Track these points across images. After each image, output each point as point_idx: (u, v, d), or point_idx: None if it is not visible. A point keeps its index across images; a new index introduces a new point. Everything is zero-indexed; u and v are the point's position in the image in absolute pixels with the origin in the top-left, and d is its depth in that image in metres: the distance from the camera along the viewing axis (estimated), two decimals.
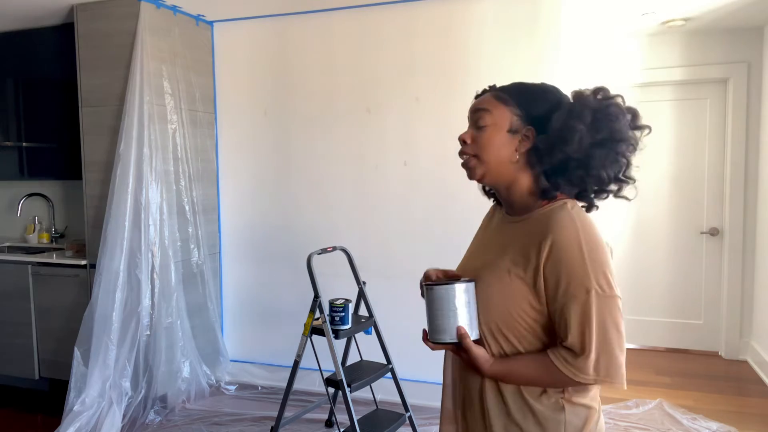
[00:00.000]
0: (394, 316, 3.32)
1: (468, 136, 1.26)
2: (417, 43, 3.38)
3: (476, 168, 1.24)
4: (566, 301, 1.11)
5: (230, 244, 3.93)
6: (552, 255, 1.12)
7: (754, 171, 4.05)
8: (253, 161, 3.83)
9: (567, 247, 1.11)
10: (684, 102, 4.23)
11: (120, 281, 3.11)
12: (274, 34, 3.69)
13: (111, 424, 2.98)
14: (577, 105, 1.17)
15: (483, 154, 1.22)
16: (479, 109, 1.24)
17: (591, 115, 1.14)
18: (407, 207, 3.47)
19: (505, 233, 1.27)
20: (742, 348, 4.16)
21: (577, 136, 1.13)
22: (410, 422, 2.87)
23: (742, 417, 3.21)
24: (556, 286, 1.12)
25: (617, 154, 1.15)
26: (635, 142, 1.17)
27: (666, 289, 4.35)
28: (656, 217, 4.33)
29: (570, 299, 1.10)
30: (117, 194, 3.13)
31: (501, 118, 1.21)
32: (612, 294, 1.11)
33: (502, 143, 1.21)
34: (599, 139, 1.14)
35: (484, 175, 1.24)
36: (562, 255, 1.11)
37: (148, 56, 3.24)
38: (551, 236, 1.12)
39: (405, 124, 3.45)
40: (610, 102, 1.17)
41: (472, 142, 1.24)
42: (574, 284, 1.10)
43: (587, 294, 1.09)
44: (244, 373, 3.79)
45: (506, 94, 1.23)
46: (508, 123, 1.21)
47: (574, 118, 1.14)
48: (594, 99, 1.17)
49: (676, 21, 3.77)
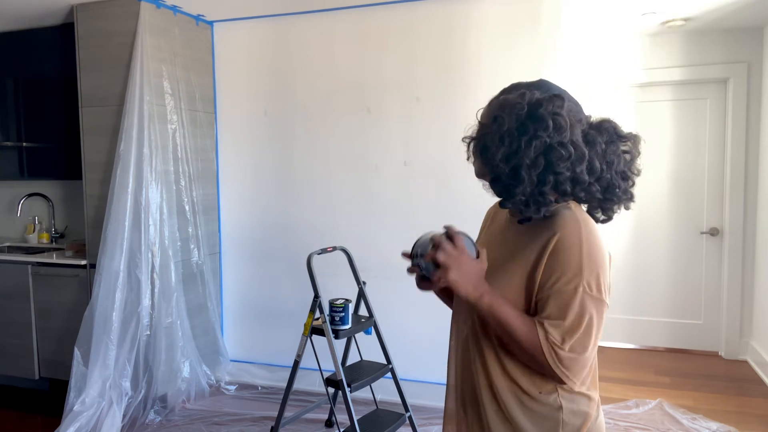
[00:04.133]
0: (394, 316, 3.32)
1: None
2: (417, 43, 3.38)
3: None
4: (552, 293, 1.12)
5: (230, 244, 3.93)
6: (554, 250, 1.13)
7: (754, 171, 4.05)
8: (253, 161, 3.83)
9: (568, 244, 1.12)
10: (684, 102, 4.23)
11: (120, 281, 3.11)
12: (274, 34, 3.70)
13: (111, 424, 2.98)
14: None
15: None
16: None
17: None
18: (407, 207, 3.47)
19: (509, 234, 1.27)
20: (742, 348, 4.16)
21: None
22: (410, 422, 2.87)
23: (742, 417, 3.21)
24: (549, 277, 1.13)
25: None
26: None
27: (666, 289, 4.35)
28: (656, 217, 4.33)
29: (556, 292, 1.12)
30: (117, 194, 3.13)
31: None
32: (600, 297, 1.12)
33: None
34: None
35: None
36: (562, 251, 1.12)
37: (148, 56, 3.24)
38: (557, 234, 1.14)
39: (405, 124, 3.45)
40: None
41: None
42: (566, 279, 1.11)
43: (575, 290, 1.10)
44: (244, 373, 3.79)
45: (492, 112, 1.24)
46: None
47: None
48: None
49: (676, 21, 3.77)
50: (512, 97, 1.15)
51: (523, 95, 1.14)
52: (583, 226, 1.14)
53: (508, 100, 1.14)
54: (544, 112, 1.11)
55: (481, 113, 1.24)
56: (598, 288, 1.11)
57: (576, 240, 1.12)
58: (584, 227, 1.14)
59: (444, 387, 1.42)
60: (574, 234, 1.13)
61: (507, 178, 1.13)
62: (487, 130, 1.16)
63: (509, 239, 1.26)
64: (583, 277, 1.10)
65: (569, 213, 1.17)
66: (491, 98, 1.25)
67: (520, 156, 1.10)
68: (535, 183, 1.11)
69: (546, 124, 1.10)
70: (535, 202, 1.13)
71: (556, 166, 1.10)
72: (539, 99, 1.13)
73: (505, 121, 1.12)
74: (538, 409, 1.18)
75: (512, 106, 1.13)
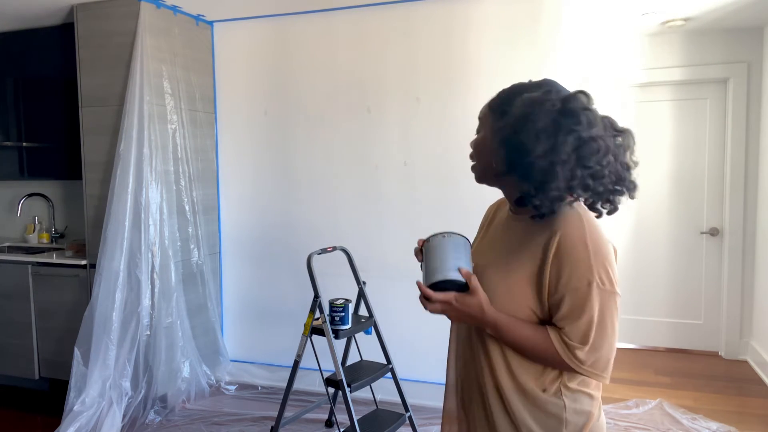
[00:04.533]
0: (394, 316, 3.32)
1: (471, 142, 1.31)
2: (417, 43, 3.38)
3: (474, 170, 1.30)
4: (566, 293, 1.12)
5: (230, 244, 3.93)
6: (559, 249, 1.13)
7: (754, 171, 4.05)
8: (253, 161, 3.83)
9: (573, 242, 1.13)
10: (684, 102, 4.23)
11: (120, 281, 3.11)
12: (274, 34, 3.69)
13: (111, 424, 2.98)
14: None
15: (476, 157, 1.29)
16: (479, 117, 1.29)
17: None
18: (407, 207, 3.47)
19: (510, 232, 1.28)
20: (742, 348, 4.16)
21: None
22: (410, 422, 2.87)
23: (742, 417, 3.21)
24: (558, 277, 1.13)
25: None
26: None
27: (666, 289, 4.34)
28: (656, 217, 4.33)
29: (570, 291, 1.12)
30: (117, 194, 3.13)
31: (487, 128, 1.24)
32: (612, 290, 1.13)
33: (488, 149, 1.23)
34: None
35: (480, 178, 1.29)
36: (569, 249, 1.13)
37: (148, 56, 3.24)
38: (559, 232, 1.14)
39: (405, 124, 3.45)
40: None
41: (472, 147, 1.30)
42: (576, 277, 1.11)
43: (588, 287, 1.11)
44: (244, 373, 3.79)
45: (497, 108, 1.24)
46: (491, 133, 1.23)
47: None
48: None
49: (676, 21, 3.77)
50: (538, 95, 1.14)
51: (548, 92, 1.14)
52: (585, 222, 1.15)
53: (536, 98, 1.14)
54: (576, 107, 1.11)
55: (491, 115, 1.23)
56: (609, 281, 1.12)
57: (581, 236, 1.13)
58: (587, 223, 1.15)
59: (443, 387, 1.43)
60: (578, 231, 1.14)
61: (542, 175, 1.11)
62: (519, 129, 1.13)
63: (512, 237, 1.26)
64: (594, 273, 1.11)
65: (570, 210, 1.17)
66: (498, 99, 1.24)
67: (557, 152, 1.10)
68: (568, 178, 1.11)
69: (579, 120, 1.11)
70: (560, 198, 1.13)
71: (587, 160, 1.11)
72: (568, 95, 1.14)
73: (539, 118, 1.11)
74: (543, 408, 1.18)
75: (542, 103, 1.12)
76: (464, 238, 1.21)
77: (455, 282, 1.14)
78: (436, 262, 1.16)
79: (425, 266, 1.19)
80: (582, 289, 1.11)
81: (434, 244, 1.19)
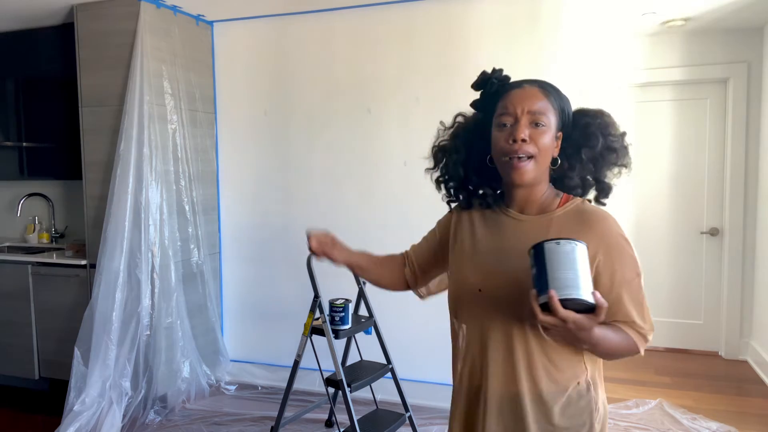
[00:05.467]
0: (394, 316, 3.32)
1: (527, 134, 1.17)
2: (417, 43, 3.38)
3: (531, 171, 1.19)
4: (622, 289, 1.17)
5: (230, 244, 3.93)
6: (603, 246, 1.16)
7: (754, 171, 4.05)
8: (253, 161, 3.83)
9: (615, 237, 1.17)
10: (684, 102, 4.23)
11: (120, 281, 3.11)
12: (274, 34, 3.69)
13: (111, 424, 2.98)
14: (591, 117, 1.27)
15: (540, 156, 1.18)
16: (536, 110, 1.18)
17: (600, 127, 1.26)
18: (407, 207, 3.47)
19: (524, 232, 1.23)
20: (742, 348, 4.16)
21: (599, 143, 1.24)
22: (410, 422, 2.87)
23: (742, 417, 3.21)
24: (612, 275, 1.16)
25: (612, 161, 1.27)
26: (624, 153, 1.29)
27: (666, 289, 4.34)
28: (656, 217, 4.33)
29: (626, 285, 1.17)
30: (117, 194, 3.13)
31: (552, 121, 1.20)
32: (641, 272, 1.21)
33: (551, 147, 1.21)
34: (602, 148, 1.25)
35: (534, 178, 1.20)
36: (613, 245, 1.17)
37: (148, 56, 3.24)
38: (596, 229, 1.17)
39: (405, 124, 3.45)
40: (609, 116, 1.29)
41: (530, 141, 1.17)
42: (628, 270, 1.17)
43: (638, 277, 1.18)
44: (244, 373, 3.79)
45: (551, 95, 1.21)
46: (555, 127, 1.21)
47: (594, 127, 1.25)
48: (594, 114, 1.28)
49: (676, 21, 3.77)
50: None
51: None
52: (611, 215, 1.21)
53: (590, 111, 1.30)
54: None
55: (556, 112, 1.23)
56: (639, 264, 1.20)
57: (618, 232, 1.18)
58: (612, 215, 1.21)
59: (443, 387, 1.42)
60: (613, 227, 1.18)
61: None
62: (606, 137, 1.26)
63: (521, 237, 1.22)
64: (638, 264, 1.18)
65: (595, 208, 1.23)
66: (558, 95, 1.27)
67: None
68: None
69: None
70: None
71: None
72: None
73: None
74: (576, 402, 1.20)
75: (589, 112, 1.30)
76: (585, 245, 1.07)
77: (584, 303, 1.02)
78: (569, 273, 1.02)
79: (551, 271, 1.03)
80: (635, 281, 1.17)
81: (566, 250, 1.04)
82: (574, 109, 1.28)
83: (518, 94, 1.20)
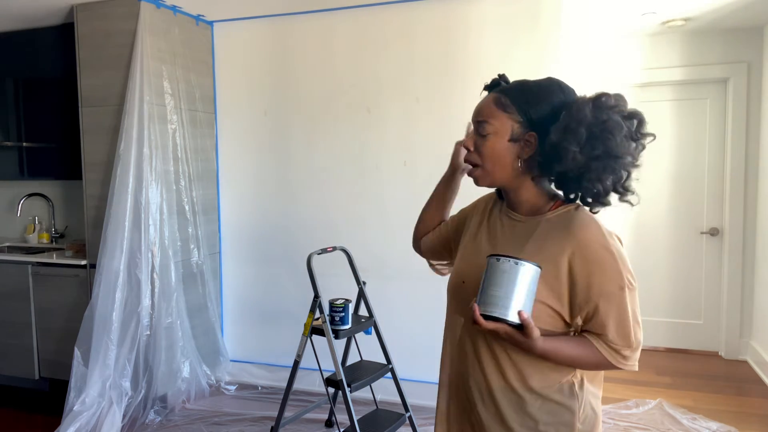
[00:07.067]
0: (394, 316, 3.32)
1: (471, 143, 1.25)
2: (417, 43, 3.38)
3: (481, 178, 1.25)
4: (599, 300, 1.13)
5: (230, 244, 3.93)
6: (580, 255, 1.13)
7: (754, 171, 4.05)
8: (253, 161, 3.83)
9: (595, 247, 1.13)
10: (684, 102, 4.23)
11: (120, 281, 3.11)
12: (274, 34, 3.69)
13: (111, 424, 2.98)
14: (573, 121, 1.11)
15: (486, 163, 1.22)
16: (481, 119, 1.22)
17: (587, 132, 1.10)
18: (407, 207, 3.46)
19: (514, 233, 1.25)
20: (742, 348, 4.16)
21: (570, 155, 1.10)
22: (410, 422, 2.87)
23: (742, 417, 3.21)
24: (588, 285, 1.13)
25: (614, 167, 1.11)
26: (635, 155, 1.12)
27: (666, 289, 4.35)
28: (656, 217, 4.33)
29: (605, 297, 1.13)
30: (117, 194, 3.13)
31: (502, 126, 1.19)
32: (635, 285, 1.16)
33: (504, 152, 1.20)
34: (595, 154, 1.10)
35: (490, 184, 1.25)
36: (592, 254, 1.13)
37: (148, 56, 3.24)
38: (577, 237, 1.14)
39: (405, 124, 3.45)
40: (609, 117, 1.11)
41: (474, 150, 1.24)
42: (607, 282, 1.13)
43: (621, 291, 1.13)
44: (244, 373, 3.79)
45: (508, 98, 1.20)
46: (509, 131, 1.19)
47: (568, 136, 1.10)
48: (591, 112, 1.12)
49: (676, 21, 3.77)
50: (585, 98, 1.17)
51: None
52: (599, 225, 1.16)
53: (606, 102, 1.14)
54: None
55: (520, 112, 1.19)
56: (633, 277, 1.15)
57: (601, 241, 1.14)
58: (601, 225, 1.16)
59: None
60: (597, 236, 1.14)
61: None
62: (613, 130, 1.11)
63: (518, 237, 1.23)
64: (623, 277, 1.13)
65: (583, 214, 1.18)
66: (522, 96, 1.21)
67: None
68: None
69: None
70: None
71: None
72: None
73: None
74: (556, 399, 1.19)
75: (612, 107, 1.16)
76: (538, 268, 1.10)
77: (506, 321, 1.08)
78: (498, 291, 1.08)
79: (485, 286, 1.10)
80: (615, 293, 1.13)
81: (503, 268, 1.08)
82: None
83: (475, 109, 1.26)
